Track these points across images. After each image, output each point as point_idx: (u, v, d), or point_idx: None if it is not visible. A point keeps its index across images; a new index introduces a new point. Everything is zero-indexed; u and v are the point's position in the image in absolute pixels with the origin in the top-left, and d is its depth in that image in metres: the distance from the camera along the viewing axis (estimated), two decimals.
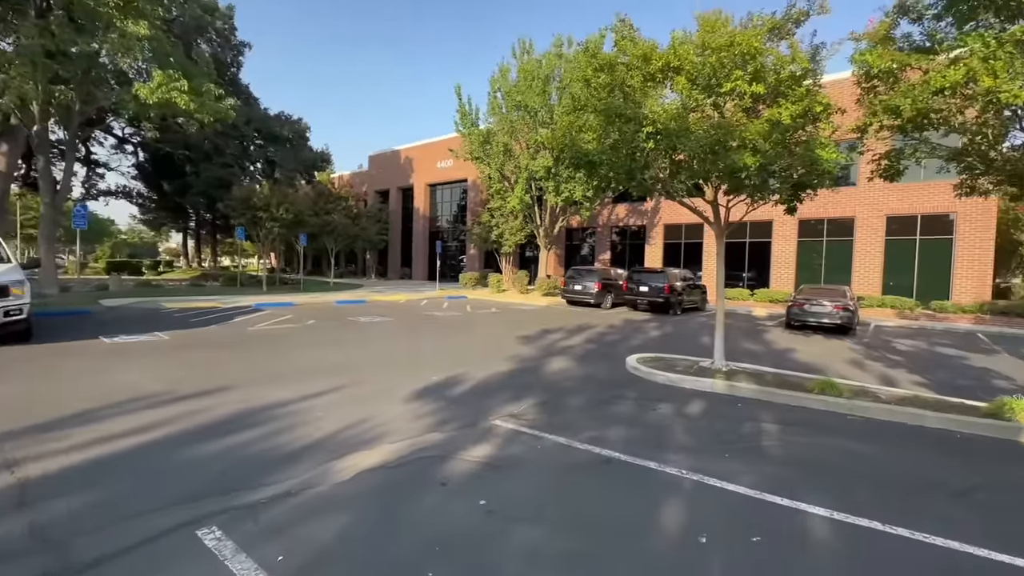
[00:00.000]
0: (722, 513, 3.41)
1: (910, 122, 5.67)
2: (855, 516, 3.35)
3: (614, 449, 4.54)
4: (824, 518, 3.34)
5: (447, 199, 36.88)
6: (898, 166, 6.63)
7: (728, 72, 5.63)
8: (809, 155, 5.80)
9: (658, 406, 6.02)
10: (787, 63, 5.91)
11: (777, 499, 3.60)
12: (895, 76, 5.85)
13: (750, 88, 5.66)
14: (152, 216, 43.04)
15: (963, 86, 4.74)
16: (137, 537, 2.93)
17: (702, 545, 2.99)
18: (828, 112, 6.25)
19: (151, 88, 12.81)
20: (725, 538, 3.07)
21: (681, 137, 5.44)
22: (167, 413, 5.18)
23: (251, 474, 3.82)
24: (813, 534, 3.16)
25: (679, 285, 18.27)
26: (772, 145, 5.51)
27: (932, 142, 6.62)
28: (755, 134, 5.38)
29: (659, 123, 5.48)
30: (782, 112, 5.80)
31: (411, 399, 6.00)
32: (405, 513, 3.30)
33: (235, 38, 25.54)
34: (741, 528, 3.20)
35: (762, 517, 3.36)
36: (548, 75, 19.91)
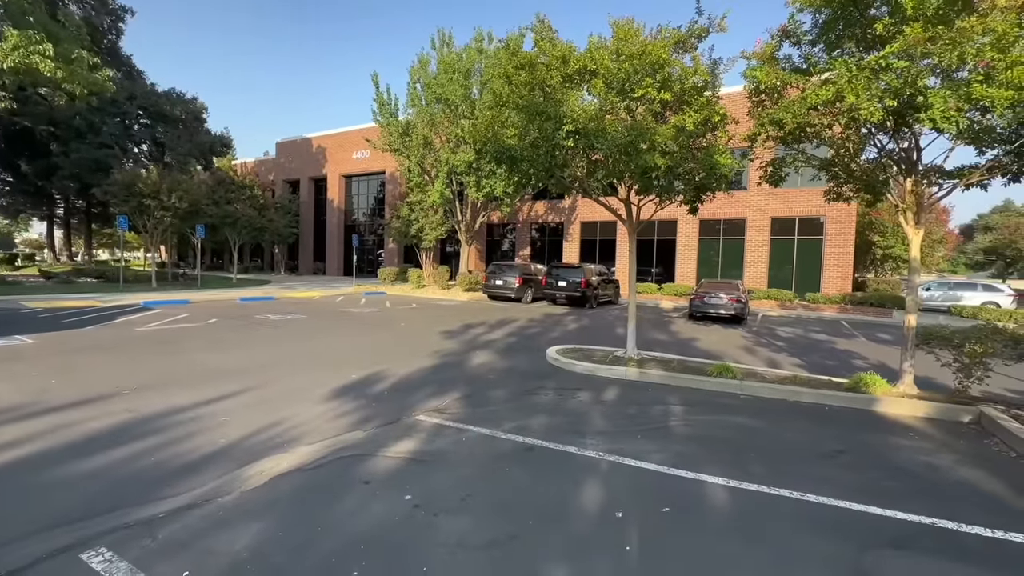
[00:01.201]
0: (635, 489, 3.66)
1: (790, 134, 6.41)
2: (747, 482, 3.77)
3: (536, 437, 4.69)
4: (722, 486, 3.72)
5: (364, 191, 35.46)
6: (780, 173, 7.46)
7: (640, 78, 6.02)
8: (709, 160, 6.37)
9: (577, 394, 6.30)
10: (691, 74, 6.43)
11: (682, 472, 3.94)
12: (779, 92, 6.58)
13: (659, 95, 6.09)
14: (5, 201, 36.75)
15: (832, 103, 5.47)
16: (9, 565, 2.55)
17: (619, 519, 3.20)
18: (724, 122, 6.89)
19: (4, 51, 10.92)
20: (639, 511, 3.31)
21: (598, 137, 5.73)
22: (32, 428, 4.52)
23: (144, 489, 3.46)
24: (713, 501, 3.51)
25: (595, 280, 19.13)
26: (679, 148, 5.98)
27: (808, 153, 7.52)
28: (664, 137, 5.81)
29: (579, 122, 5.73)
30: (686, 119, 6.31)
31: (329, 398, 5.75)
32: (325, 515, 3.17)
33: (113, 2, 22.44)
34: (652, 501, 3.47)
35: (670, 490, 3.66)
36: (469, 69, 19.83)
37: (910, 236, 6.27)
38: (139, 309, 13.43)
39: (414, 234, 26.06)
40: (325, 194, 35.62)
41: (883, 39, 5.50)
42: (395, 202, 29.35)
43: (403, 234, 26.99)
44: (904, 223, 6.32)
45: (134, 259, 47.41)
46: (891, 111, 5.55)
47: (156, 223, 19.69)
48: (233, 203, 23.80)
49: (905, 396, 6.01)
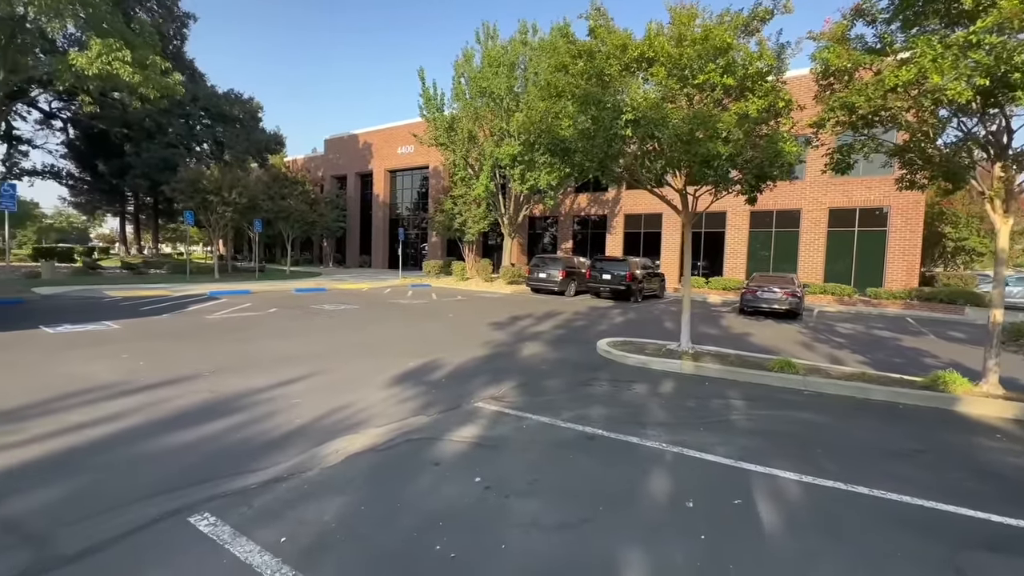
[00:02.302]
0: (703, 481, 3.63)
1: (862, 119, 6.09)
2: (821, 478, 3.66)
3: (596, 426, 4.71)
4: (794, 481, 3.63)
5: (408, 186, 36.17)
6: (848, 160, 7.10)
7: (703, 64, 5.86)
8: (773, 148, 6.14)
9: (632, 386, 6.26)
10: (755, 59, 6.20)
11: (750, 466, 3.87)
12: (849, 74, 6.26)
13: (722, 80, 5.91)
14: (84, 199, 39.80)
15: (912, 85, 5.15)
16: (124, 527, 2.82)
17: (690, 509, 3.19)
18: (789, 107, 6.62)
19: (89, 57, 11.80)
20: (710, 502, 3.29)
21: (659, 125, 5.63)
22: (130, 403, 4.93)
23: (234, 462, 3.72)
24: (786, 495, 3.43)
25: (640, 273, 18.82)
26: (744, 136, 5.79)
27: (878, 138, 7.12)
28: (727, 124, 5.63)
29: (639, 111, 5.64)
30: (749, 106, 6.09)
31: (390, 384, 5.96)
32: (401, 493, 3.32)
33: (178, 9, 23.80)
34: (722, 493, 3.43)
35: (739, 483, 3.60)
36: (513, 62, 19.81)
37: (997, 225, 5.84)
38: (206, 299, 14.29)
39: (457, 227, 26.39)
40: (371, 189, 36.57)
41: (971, 14, 5.13)
42: (438, 196, 29.81)
43: (446, 227, 27.38)
44: (991, 211, 5.89)
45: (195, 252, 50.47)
46: (979, 91, 5.17)
47: (218, 218, 20.84)
48: (286, 198, 24.86)
49: (989, 396, 5.64)
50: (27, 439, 3.98)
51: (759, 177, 6.90)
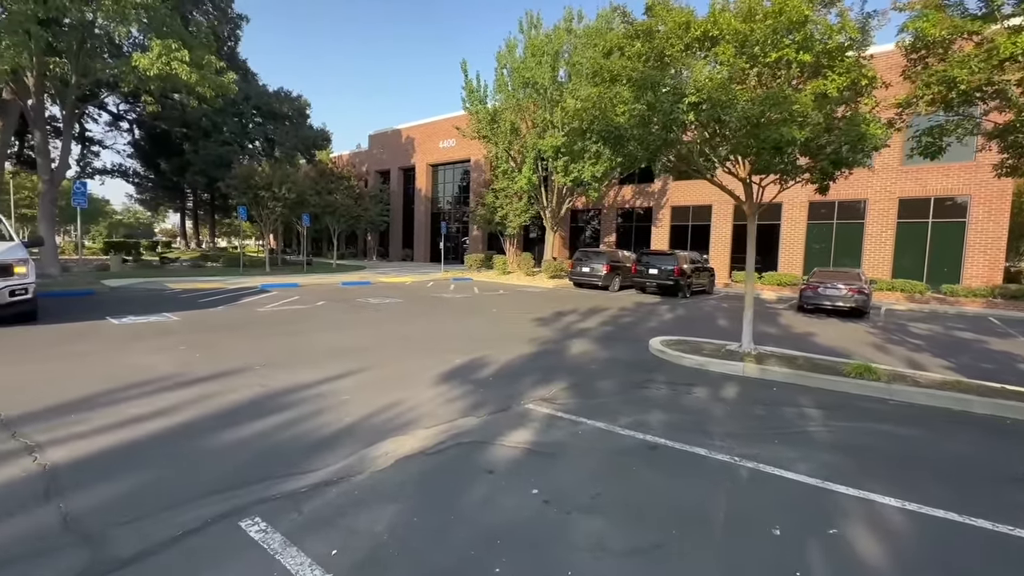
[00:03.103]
0: (787, 504, 3.25)
1: (962, 95, 5.39)
2: (929, 507, 3.20)
3: (657, 434, 4.37)
4: (897, 508, 3.18)
5: (449, 179, 36.34)
6: (940, 143, 6.36)
7: (778, 39, 5.32)
8: (855, 130, 5.53)
9: (692, 390, 5.85)
10: (835, 32, 5.59)
11: (841, 488, 3.44)
12: (946, 46, 5.55)
13: (797, 57, 5.36)
14: (149, 196, 42.31)
15: None
16: (177, 529, 2.75)
17: (777, 538, 2.83)
18: (873, 85, 5.96)
19: (151, 59, 12.30)
20: (799, 530, 2.91)
21: (727, 107, 5.15)
22: (186, 395, 4.99)
23: (285, 461, 3.63)
24: (891, 526, 3.00)
25: (688, 268, 18.08)
26: (826, 118, 5.24)
27: (976, 118, 6.34)
28: (804, 105, 5.09)
29: (703, 93, 5.18)
30: (828, 84, 5.51)
31: (437, 382, 5.81)
32: (455, 504, 3.12)
33: (232, 10, 24.67)
34: (813, 519, 3.04)
35: (830, 508, 3.20)
36: (557, 51, 19.33)
37: None
38: (258, 291, 14.74)
39: (498, 221, 26.27)
40: (413, 183, 36.99)
41: None
42: (480, 189, 29.77)
43: (487, 221, 27.32)
44: None
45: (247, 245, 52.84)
46: None
47: (269, 213, 21.53)
48: (333, 193, 25.44)
49: None
50: (90, 430, 4.05)
51: (836, 163, 6.27)
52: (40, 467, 3.42)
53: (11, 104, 16.37)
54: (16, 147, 24.88)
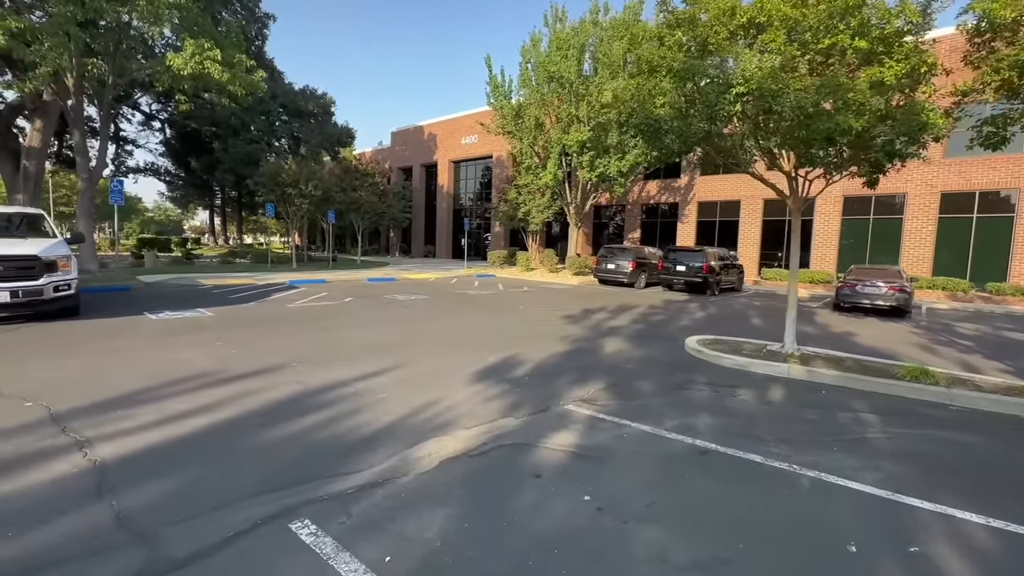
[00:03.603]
0: (858, 517, 3.05)
1: None
2: (1017, 524, 2.97)
3: (707, 439, 4.20)
4: (980, 525, 2.96)
5: (471, 176, 36.30)
6: (1003, 133, 5.98)
7: (832, 24, 5.04)
8: (914, 120, 5.21)
9: (735, 392, 5.64)
10: (893, 16, 5.28)
11: (914, 501, 3.23)
12: (1013, 29, 5.20)
13: (853, 43, 5.07)
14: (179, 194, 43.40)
15: None
16: (229, 530, 2.72)
17: (854, 555, 2.65)
18: (933, 72, 5.62)
19: (184, 58, 12.51)
20: (876, 547, 2.72)
21: (777, 97, 4.90)
22: (225, 392, 5.01)
23: (328, 461, 3.59)
24: (975, 544, 2.79)
25: (717, 265, 17.66)
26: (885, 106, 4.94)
27: None
28: (862, 94, 4.81)
29: (752, 82, 4.95)
30: (886, 72, 5.21)
31: (473, 381, 5.73)
32: (506, 509, 3.02)
33: (259, 10, 25.01)
34: (890, 536, 2.85)
35: (908, 523, 2.99)
36: (583, 44, 19.02)
37: None
38: (286, 287, 14.93)
39: (521, 217, 26.10)
40: (435, 180, 37.06)
41: None
42: (502, 185, 29.62)
43: (510, 217, 27.17)
44: None
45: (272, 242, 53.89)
46: None
47: (295, 209, 21.80)
48: (357, 190, 25.63)
49: None
50: (136, 426, 4.08)
51: (890, 155, 5.94)
52: (91, 463, 3.44)
53: (51, 105, 16.88)
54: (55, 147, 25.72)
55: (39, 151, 17.89)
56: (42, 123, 17.61)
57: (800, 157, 6.17)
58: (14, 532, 2.63)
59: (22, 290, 7.56)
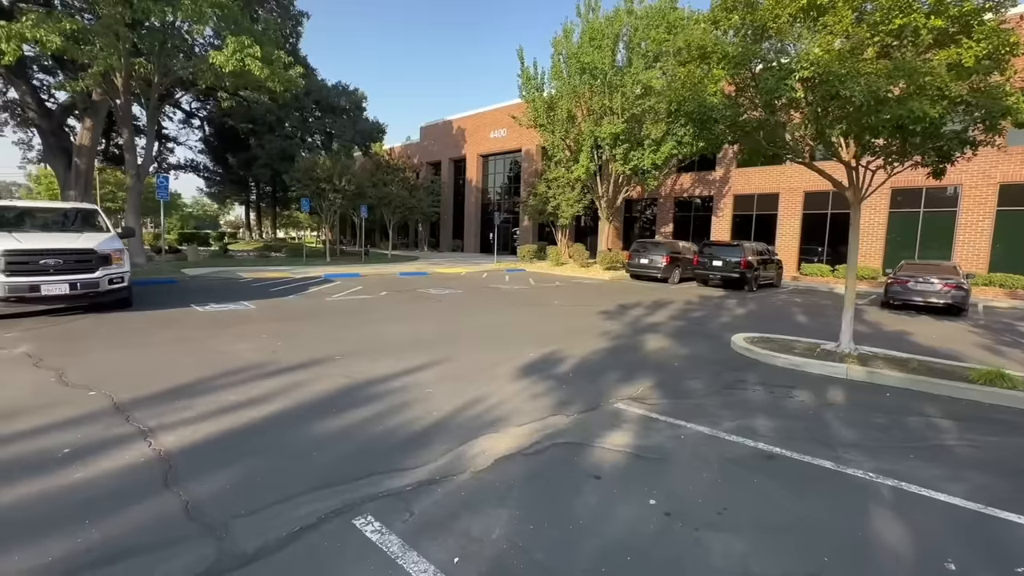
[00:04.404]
0: (952, 531, 2.84)
1: None
2: None
3: (770, 442, 4.01)
4: None
5: (499, 170, 36.19)
6: None
7: (904, 4, 4.70)
8: (997, 105, 4.83)
9: (793, 393, 5.40)
10: None
11: (1012, 517, 2.98)
12: None
13: (927, 22, 4.73)
14: (217, 189, 44.75)
15: None
16: (294, 524, 2.70)
17: (955, 574, 2.45)
18: (1015, 53, 5.20)
19: (226, 56, 12.78)
20: (979, 567, 2.51)
21: (846, 82, 4.60)
22: (275, 385, 5.06)
23: (383, 456, 3.56)
24: None
25: (755, 260, 17.10)
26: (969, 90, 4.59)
27: None
28: (940, 78, 4.46)
29: (820, 66, 4.66)
30: (964, 53, 4.84)
31: (517, 377, 5.65)
32: (569, 512, 2.93)
33: (294, 8, 25.39)
34: (990, 554, 2.63)
35: (1008, 541, 2.76)
36: (617, 34, 18.60)
37: None
38: (322, 281, 15.17)
39: (551, 211, 25.87)
40: (464, 174, 37.10)
41: None
42: (531, 179, 29.44)
43: (539, 211, 26.96)
44: None
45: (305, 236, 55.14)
46: None
47: (329, 204, 22.15)
48: (388, 185, 25.87)
49: None
50: (195, 416, 4.15)
51: (963, 143, 5.55)
52: (155, 452, 3.50)
53: (100, 104, 17.55)
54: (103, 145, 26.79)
55: (89, 149, 18.64)
56: (92, 122, 18.33)
57: (862, 146, 5.82)
58: (91, 520, 2.68)
59: (80, 282, 7.86)
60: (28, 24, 11.01)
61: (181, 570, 2.32)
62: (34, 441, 3.62)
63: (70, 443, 3.59)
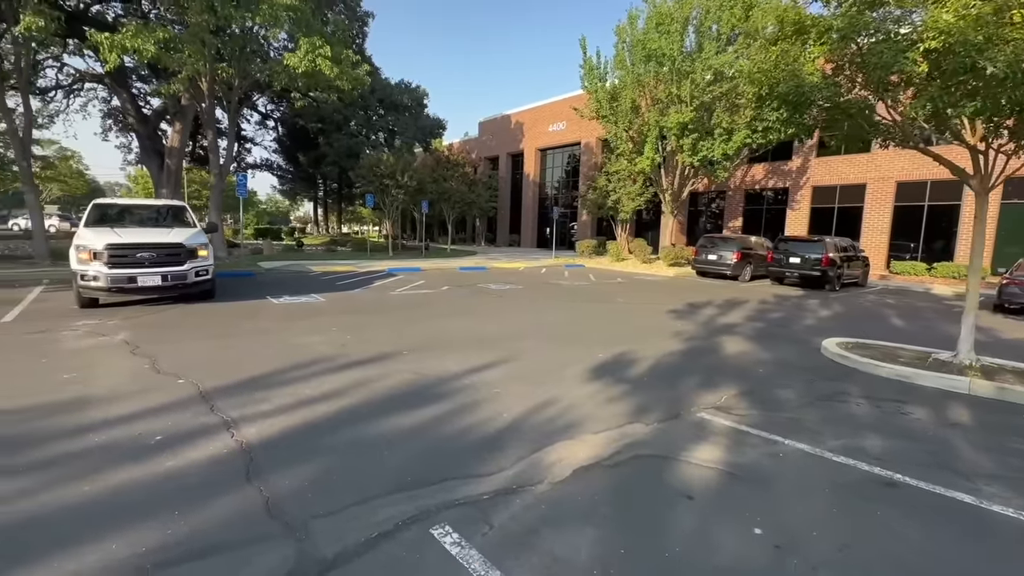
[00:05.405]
0: None
1: None
2: None
3: (888, 467, 3.50)
4: None
5: (557, 164, 35.70)
6: None
7: None
8: None
9: (905, 409, 4.77)
10: None
11: None
12: None
13: None
14: (288, 187, 47.34)
15: None
16: (372, 529, 2.61)
17: None
18: None
19: (299, 56, 13.30)
20: None
21: (988, 51, 3.92)
22: (346, 379, 5.09)
23: (455, 460, 3.43)
24: None
25: (837, 256, 15.71)
26: None
27: None
28: None
29: (952, 34, 4.00)
30: None
31: (587, 379, 5.38)
32: (664, 536, 2.64)
33: (360, 8, 26.20)
34: None
35: None
36: (687, 17, 17.63)
37: None
38: (386, 275, 15.53)
39: (610, 205, 25.17)
40: (521, 169, 36.93)
41: None
42: (590, 173, 28.77)
43: (598, 206, 26.31)
44: None
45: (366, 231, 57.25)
46: None
47: (392, 200, 22.71)
48: (448, 180, 26.18)
49: None
50: (273, 409, 4.22)
51: None
52: (238, 444, 3.56)
53: (187, 109, 18.90)
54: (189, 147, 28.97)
55: (178, 150, 20.16)
56: (180, 125, 19.80)
57: (994, 126, 5.02)
58: (180, 512, 2.72)
59: (170, 274, 8.40)
60: (128, 35, 11.94)
61: (265, 572, 2.28)
62: (131, 426, 3.80)
63: (161, 430, 3.73)
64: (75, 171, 49.91)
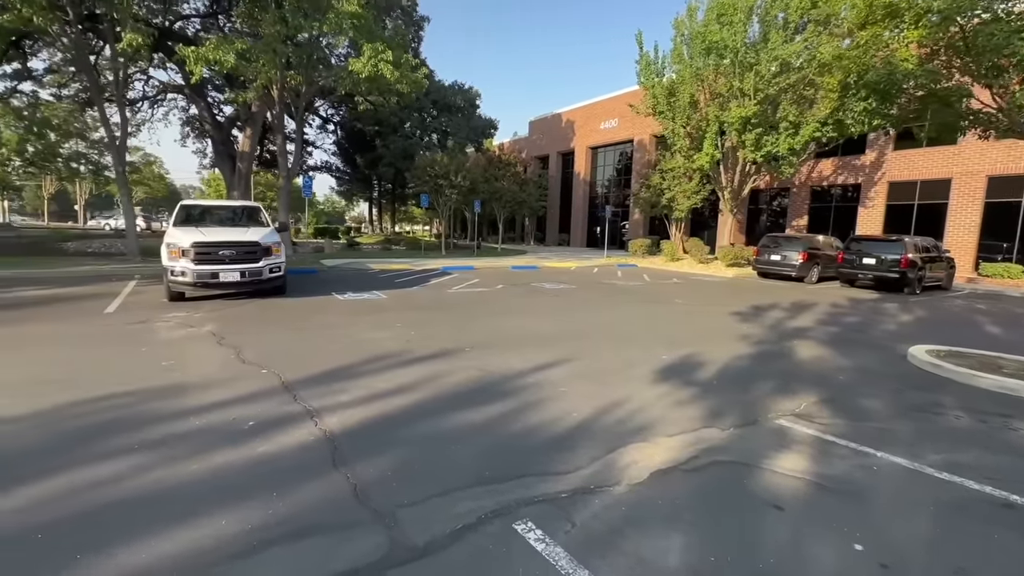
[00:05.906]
0: None
1: None
2: None
3: (1001, 487, 3.21)
4: None
5: (608, 162, 35.17)
6: None
7: None
8: None
9: (1014, 424, 4.35)
10: None
11: None
12: None
13: None
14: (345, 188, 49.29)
15: None
16: (456, 521, 2.67)
17: None
18: None
19: (363, 62, 13.82)
20: None
21: None
22: (414, 374, 5.22)
23: (529, 456, 3.45)
24: None
25: (918, 258, 14.55)
26: None
27: None
28: None
29: None
30: None
31: (654, 380, 5.27)
32: (756, 546, 2.54)
33: (416, 13, 26.89)
34: None
35: None
36: (751, 7, 16.86)
37: None
38: (440, 273, 15.86)
39: (664, 204, 24.54)
40: (572, 167, 36.66)
41: None
42: (643, 171, 28.13)
43: (651, 204, 25.73)
44: None
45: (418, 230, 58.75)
46: None
47: (445, 200, 23.16)
48: (499, 180, 26.39)
49: None
50: (351, 400, 4.40)
51: None
52: (322, 432, 3.74)
53: (257, 115, 20.09)
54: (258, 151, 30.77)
55: (249, 154, 21.45)
56: (251, 131, 21.06)
57: None
58: (278, 494, 2.89)
59: (248, 271, 8.95)
60: (210, 48, 12.84)
61: (361, 555, 2.38)
62: (225, 412, 4.07)
63: (252, 416, 3.98)
64: (157, 175, 54.21)
